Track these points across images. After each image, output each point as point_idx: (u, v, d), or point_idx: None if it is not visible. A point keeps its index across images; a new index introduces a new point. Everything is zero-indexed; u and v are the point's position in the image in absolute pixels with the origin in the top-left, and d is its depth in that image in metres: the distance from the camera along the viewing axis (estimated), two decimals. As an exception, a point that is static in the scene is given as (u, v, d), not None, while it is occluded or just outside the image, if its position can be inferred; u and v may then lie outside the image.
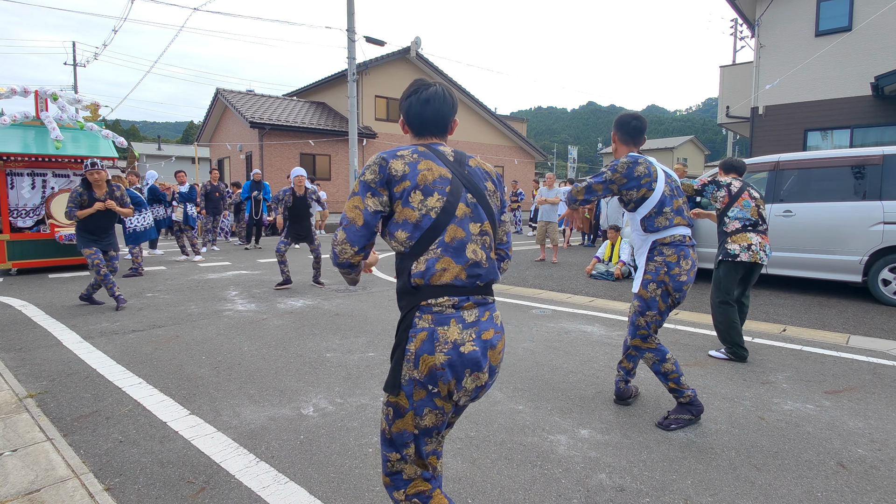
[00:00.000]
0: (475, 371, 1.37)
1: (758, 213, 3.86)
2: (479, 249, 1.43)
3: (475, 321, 1.39)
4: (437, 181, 1.43)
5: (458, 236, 1.41)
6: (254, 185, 11.72)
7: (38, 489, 2.07)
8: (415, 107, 1.55)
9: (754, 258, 3.77)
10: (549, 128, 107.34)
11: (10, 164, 7.44)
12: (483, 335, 1.39)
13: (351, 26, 15.31)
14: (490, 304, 1.46)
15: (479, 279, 1.42)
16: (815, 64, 11.54)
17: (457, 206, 1.42)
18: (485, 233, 1.46)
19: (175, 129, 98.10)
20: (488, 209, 1.49)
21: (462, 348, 1.35)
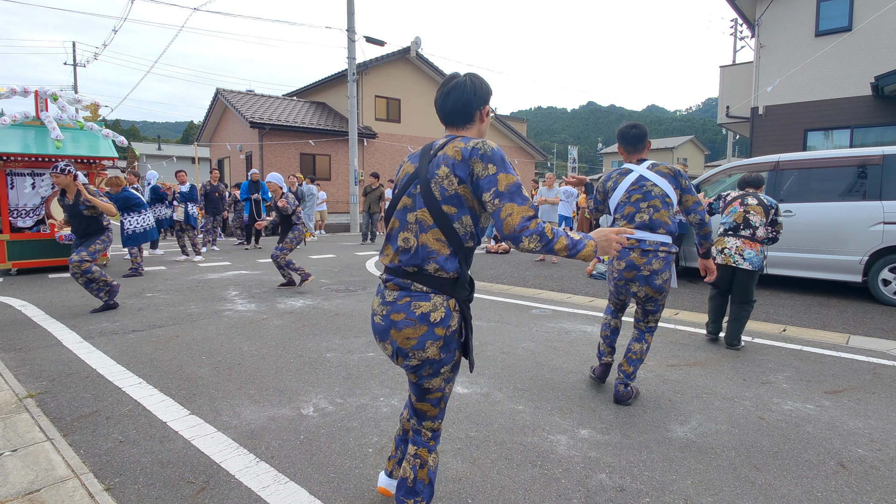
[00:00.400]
0: (381, 340, 1.65)
1: (743, 218, 4.08)
2: (410, 237, 1.59)
3: (391, 301, 1.61)
4: (402, 179, 1.68)
5: (395, 226, 1.65)
6: (252, 185, 11.48)
7: (38, 489, 2.07)
8: (439, 100, 1.70)
9: (726, 261, 4.09)
10: (549, 128, 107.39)
11: (10, 164, 7.43)
12: (392, 315, 1.59)
13: (351, 26, 15.31)
14: (416, 292, 1.58)
15: (405, 264, 1.60)
16: (815, 64, 11.54)
17: (400, 200, 1.64)
18: (420, 220, 1.58)
19: (175, 129, 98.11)
20: (428, 197, 1.56)
21: (375, 318, 1.66)
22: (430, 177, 1.57)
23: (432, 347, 1.57)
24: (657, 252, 2.83)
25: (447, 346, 1.60)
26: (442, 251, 1.56)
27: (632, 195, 2.92)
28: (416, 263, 1.57)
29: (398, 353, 1.61)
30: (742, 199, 4.15)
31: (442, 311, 1.57)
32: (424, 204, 1.56)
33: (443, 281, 1.57)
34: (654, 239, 2.84)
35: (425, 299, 1.57)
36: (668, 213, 2.87)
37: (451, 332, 1.60)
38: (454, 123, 1.68)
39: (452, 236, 1.56)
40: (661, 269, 2.85)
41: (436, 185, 1.55)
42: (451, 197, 1.54)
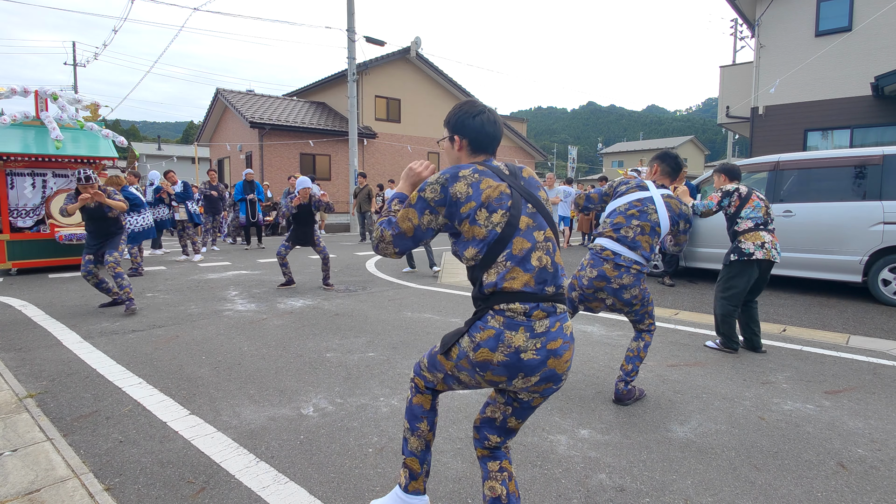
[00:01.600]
0: (528, 375, 1.48)
1: (766, 212, 4.00)
2: (544, 256, 1.52)
3: (544, 332, 1.47)
4: (499, 198, 1.52)
5: (525, 247, 1.50)
6: (246, 185, 11.30)
7: (38, 489, 2.07)
8: (488, 127, 1.64)
9: (768, 255, 3.88)
10: (549, 128, 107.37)
11: (10, 164, 7.44)
12: (549, 345, 1.47)
13: (351, 26, 15.31)
14: (560, 314, 1.52)
15: (545, 285, 1.50)
16: (815, 64, 11.54)
17: (520, 219, 1.52)
18: (549, 239, 1.55)
19: (175, 129, 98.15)
20: (547, 216, 1.57)
21: (523, 355, 1.46)
22: (538, 197, 1.59)
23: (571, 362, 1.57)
24: (630, 268, 2.90)
25: None
26: (560, 266, 1.58)
27: (630, 209, 2.98)
28: (554, 283, 1.53)
29: (548, 380, 1.50)
30: (755, 193, 4.06)
31: (570, 324, 1.58)
32: (548, 224, 1.57)
33: (564, 296, 1.58)
34: (629, 255, 2.91)
35: (566, 319, 1.55)
36: (651, 240, 2.94)
37: None
38: (487, 151, 1.67)
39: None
40: (631, 284, 2.91)
41: (546, 206, 1.60)
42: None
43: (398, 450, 2.43)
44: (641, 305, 3.00)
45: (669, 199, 3.00)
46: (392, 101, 21.34)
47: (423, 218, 1.55)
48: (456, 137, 1.67)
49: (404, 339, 4.31)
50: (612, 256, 2.91)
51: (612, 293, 2.94)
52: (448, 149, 1.71)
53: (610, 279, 2.91)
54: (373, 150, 20.78)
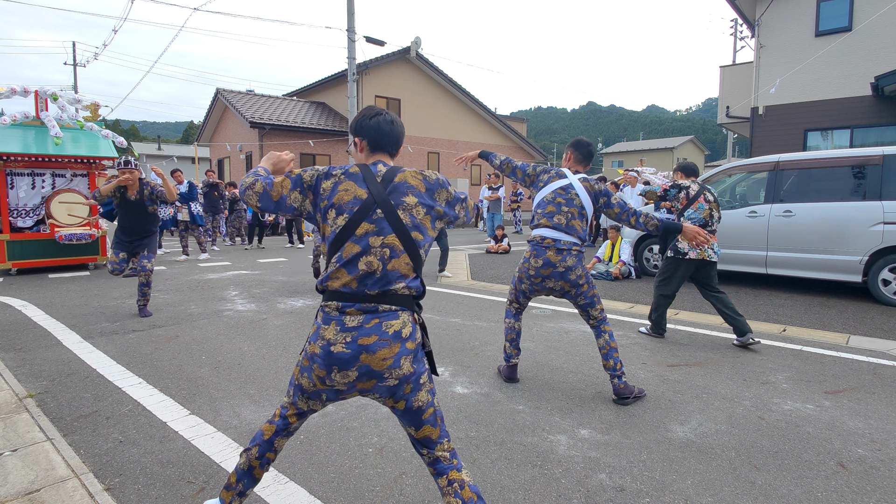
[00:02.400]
0: (343, 369, 1.54)
1: (709, 214, 4.23)
2: (375, 261, 1.57)
3: (356, 327, 1.54)
4: (350, 202, 1.60)
5: (354, 251, 1.57)
6: None
7: (38, 489, 2.07)
8: (384, 126, 1.73)
9: (702, 255, 4.16)
10: (549, 128, 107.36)
11: (10, 164, 7.44)
12: (361, 340, 1.53)
13: (351, 26, 15.31)
14: (383, 312, 1.57)
15: (367, 287, 1.57)
16: (815, 64, 11.54)
17: (359, 225, 1.58)
18: (386, 245, 1.58)
19: (175, 129, 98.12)
20: (396, 224, 1.59)
21: (333, 348, 1.54)
22: (396, 204, 1.61)
23: (406, 363, 1.58)
24: (570, 250, 3.09)
25: (416, 358, 1.62)
26: (409, 274, 1.63)
27: (557, 197, 3.18)
28: (381, 288, 1.57)
29: (370, 376, 1.55)
30: (704, 194, 4.27)
31: (410, 326, 1.61)
32: (393, 230, 1.59)
33: (406, 298, 1.62)
34: (567, 239, 3.10)
35: (395, 317, 1.58)
36: (580, 223, 3.15)
37: (418, 344, 1.64)
38: (390, 151, 1.76)
39: (418, 260, 1.64)
40: (574, 265, 3.09)
41: (405, 213, 1.62)
42: (419, 225, 1.64)
43: (398, 449, 2.43)
44: (588, 286, 3.16)
45: (585, 181, 3.21)
46: (392, 101, 21.34)
47: (292, 193, 1.65)
48: (357, 139, 1.76)
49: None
50: (553, 243, 3.10)
51: (559, 277, 3.11)
52: (354, 152, 1.80)
53: (555, 264, 3.09)
54: (373, 150, 20.77)
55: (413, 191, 1.65)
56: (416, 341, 1.62)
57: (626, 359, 3.80)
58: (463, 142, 23.77)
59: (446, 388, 3.22)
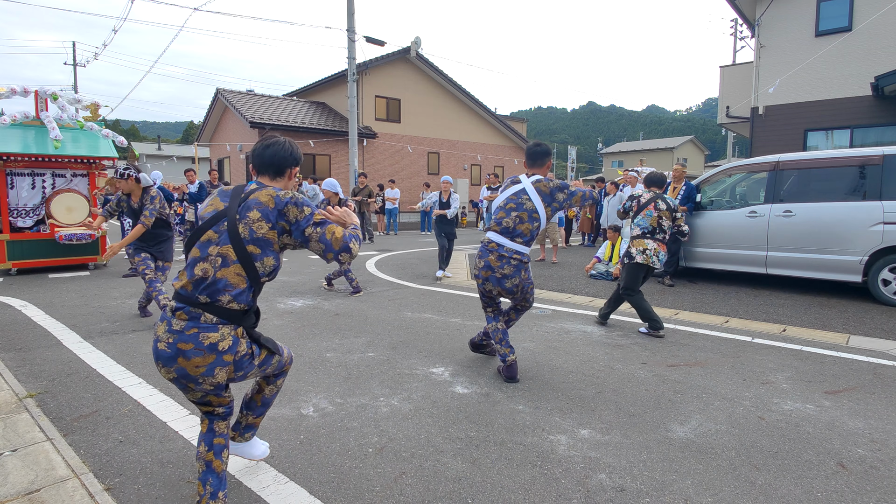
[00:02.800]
0: (165, 366, 1.72)
1: (657, 223, 4.47)
2: (209, 268, 1.73)
3: (179, 331, 1.69)
4: (209, 213, 1.82)
5: (195, 255, 1.76)
6: None
7: (38, 489, 2.07)
8: (258, 150, 1.93)
9: (647, 261, 4.43)
10: (549, 128, 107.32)
11: (10, 164, 7.43)
12: (180, 345, 1.68)
13: (351, 26, 15.32)
14: (205, 323, 1.70)
15: (199, 293, 1.71)
16: (815, 64, 11.54)
17: (205, 233, 1.77)
18: (221, 255, 1.74)
19: (175, 129, 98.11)
20: (234, 235, 1.74)
21: (158, 344, 1.72)
22: (240, 218, 1.76)
23: (221, 373, 1.73)
24: (510, 259, 3.23)
25: (240, 366, 1.79)
26: (239, 285, 1.74)
27: (508, 203, 3.33)
28: (210, 294, 1.72)
29: (185, 378, 1.71)
30: (655, 203, 4.51)
31: (230, 340, 1.73)
32: (230, 241, 1.74)
33: (233, 312, 1.74)
34: (510, 246, 3.24)
35: (213, 330, 1.71)
36: (531, 226, 3.26)
37: (241, 356, 1.78)
38: (266, 174, 1.92)
39: (252, 273, 1.76)
40: (512, 274, 3.22)
41: (245, 227, 1.75)
42: (259, 239, 1.76)
43: (398, 449, 2.44)
44: (521, 293, 3.35)
45: (538, 183, 3.33)
46: (392, 101, 21.34)
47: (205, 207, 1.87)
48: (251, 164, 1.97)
49: (404, 339, 4.31)
50: (497, 248, 3.26)
51: (496, 283, 3.29)
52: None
53: (494, 269, 3.26)
54: (373, 150, 20.78)
55: (260, 207, 1.78)
56: (240, 353, 1.77)
57: (626, 359, 3.80)
58: (463, 142, 23.77)
59: (446, 388, 3.22)
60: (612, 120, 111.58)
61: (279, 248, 1.83)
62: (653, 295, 6.20)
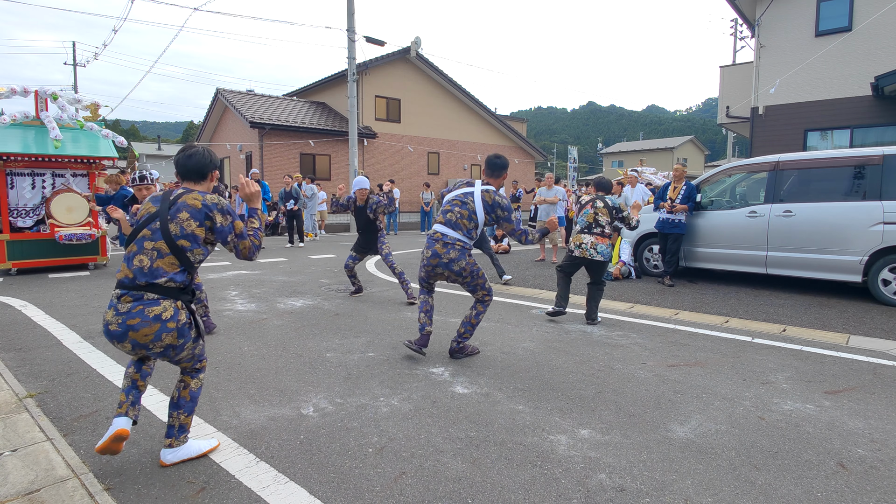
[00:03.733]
0: (119, 342, 2.07)
1: (594, 219, 4.91)
2: (146, 259, 2.09)
3: (126, 311, 2.05)
4: (144, 216, 2.18)
5: (132, 250, 2.13)
6: None
7: (38, 489, 2.07)
8: (181, 159, 2.28)
9: (583, 254, 4.85)
10: (549, 128, 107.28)
11: (10, 164, 7.43)
12: (129, 321, 2.05)
13: (351, 26, 15.32)
14: (146, 299, 2.07)
15: (138, 279, 2.08)
16: (815, 64, 11.54)
17: (141, 232, 2.14)
18: (156, 249, 2.11)
19: (175, 129, 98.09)
20: (166, 233, 2.11)
21: (109, 326, 2.07)
22: (171, 218, 2.14)
23: (168, 337, 2.10)
24: (454, 245, 3.62)
25: (182, 334, 2.14)
26: (174, 270, 2.12)
27: (456, 199, 3.74)
28: (148, 279, 2.08)
29: (137, 347, 2.09)
30: (593, 202, 5.00)
31: (171, 311, 2.10)
32: (163, 238, 2.11)
33: (170, 289, 2.11)
34: (453, 235, 3.64)
35: (156, 304, 2.08)
36: (469, 224, 3.67)
37: (182, 324, 2.13)
38: (191, 179, 2.30)
39: (185, 261, 2.15)
40: (458, 258, 3.60)
41: (176, 225, 2.13)
42: (188, 234, 2.14)
43: (398, 449, 2.44)
44: (471, 277, 3.67)
45: (486, 192, 3.72)
46: (392, 101, 21.33)
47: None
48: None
49: (404, 338, 4.31)
50: (441, 237, 3.65)
51: (444, 267, 3.64)
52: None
53: (441, 255, 3.62)
54: (373, 150, 20.78)
55: (188, 209, 2.16)
56: (181, 321, 2.12)
57: (626, 359, 3.80)
58: (463, 142, 23.77)
59: (446, 388, 3.22)
60: (612, 120, 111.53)
61: (208, 243, 2.23)
62: (653, 295, 6.20)
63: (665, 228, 6.77)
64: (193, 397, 2.32)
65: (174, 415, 2.27)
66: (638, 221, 5.05)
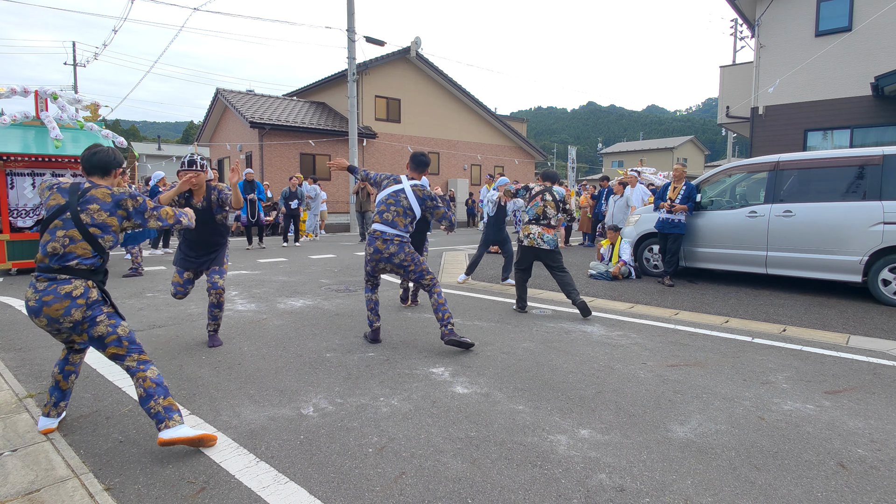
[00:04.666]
0: (36, 317, 2.35)
1: (543, 211, 5.14)
2: (59, 246, 2.37)
3: (42, 290, 2.34)
4: (51, 207, 2.42)
5: (46, 239, 2.39)
6: (247, 185, 11.17)
7: (38, 489, 2.07)
8: (86, 156, 2.59)
9: (532, 243, 5.14)
10: (549, 128, 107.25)
11: (10, 164, 7.43)
12: (44, 298, 2.32)
13: (351, 26, 15.32)
14: (60, 280, 2.35)
15: (53, 262, 2.36)
16: (815, 64, 11.54)
17: (52, 222, 2.39)
18: (67, 236, 2.37)
19: (175, 129, 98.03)
20: (78, 222, 2.38)
21: (28, 302, 2.37)
22: (81, 209, 2.40)
23: (77, 312, 2.35)
24: (393, 240, 3.95)
25: (91, 308, 2.39)
26: (86, 255, 2.40)
27: (389, 198, 4.04)
28: (61, 263, 2.36)
29: (51, 322, 2.34)
30: (543, 195, 5.18)
31: (81, 289, 2.37)
32: (75, 226, 2.38)
33: (81, 271, 2.38)
34: (391, 232, 3.96)
35: (67, 283, 2.36)
36: (405, 220, 4.00)
37: (93, 301, 2.40)
38: (96, 174, 2.58)
39: (97, 246, 2.43)
40: (397, 251, 3.94)
41: (87, 215, 2.41)
42: (99, 223, 2.42)
43: (398, 449, 2.44)
44: (414, 265, 3.99)
45: (416, 188, 4.08)
46: (392, 101, 21.34)
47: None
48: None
49: (404, 339, 4.31)
50: (381, 234, 3.96)
51: (387, 261, 3.98)
52: None
53: (381, 251, 3.96)
54: (373, 150, 20.78)
55: (98, 201, 2.44)
56: (91, 298, 2.39)
57: (626, 359, 3.80)
58: (463, 142, 23.77)
59: (446, 388, 3.22)
60: (612, 120, 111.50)
61: (119, 229, 2.53)
62: (653, 295, 6.20)
63: (665, 228, 6.77)
64: (157, 383, 2.42)
65: (151, 405, 2.37)
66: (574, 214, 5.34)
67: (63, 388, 2.60)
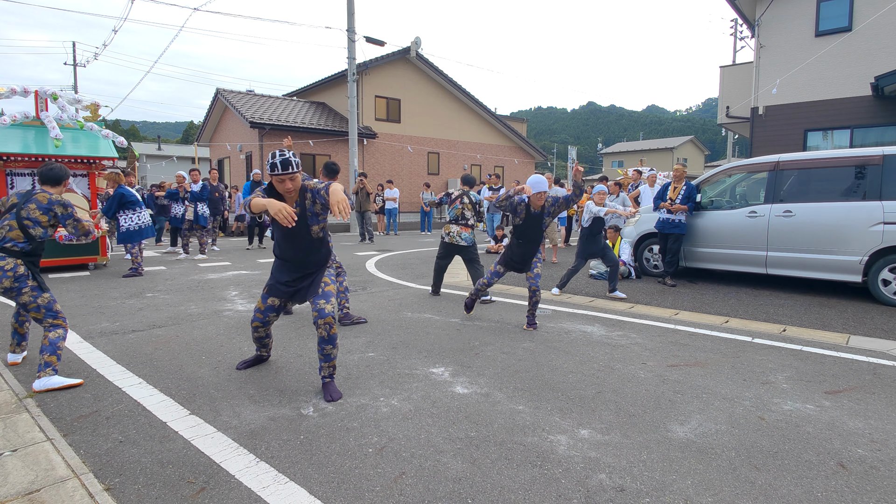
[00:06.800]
0: None
1: (461, 213, 5.89)
2: (2, 232, 3.19)
3: None
4: (9, 205, 3.30)
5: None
6: (254, 185, 11.44)
7: (38, 489, 2.07)
8: (43, 171, 3.47)
9: (451, 240, 5.89)
10: (549, 128, 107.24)
11: (10, 164, 7.43)
12: None
13: (351, 26, 15.33)
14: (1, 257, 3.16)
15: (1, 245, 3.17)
16: (815, 64, 11.54)
17: (4, 215, 3.27)
18: (9, 225, 3.21)
19: (175, 129, 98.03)
20: (18, 217, 3.23)
21: None
22: (22, 207, 3.24)
23: (6, 280, 3.12)
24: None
25: (19, 280, 3.16)
26: (19, 240, 3.20)
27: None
28: (1, 245, 3.15)
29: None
30: (461, 198, 5.87)
31: (11, 263, 3.14)
32: (15, 219, 3.22)
33: (13, 251, 3.18)
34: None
35: (2, 259, 3.13)
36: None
37: (20, 274, 3.17)
38: (49, 184, 3.48)
39: (28, 235, 3.23)
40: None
41: (25, 212, 3.24)
42: (32, 219, 3.25)
43: (398, 449, 2.44)
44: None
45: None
46: (392, 101, 21.34)
47: None
48: None
49: (404, 339, 4.31)
50: None
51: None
52: None
53: None
54: (373, 150, 20.78)
55: (36, 202, 3.27)
56: (18, 272, 3.16)
57: (626, 359, 3.80)
58: (463, 142, 23.77)
59: (446, 388, 3.22)
60: (612, 120, 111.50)
61: (48, 226, 3.31)
62: (653, 295, 6.20)
63: (665, 228, 6.77)
64: (52, 343, 3.17)
65: (41, 356, 3.14)
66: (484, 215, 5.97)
67: (21, 332, 3.60)
